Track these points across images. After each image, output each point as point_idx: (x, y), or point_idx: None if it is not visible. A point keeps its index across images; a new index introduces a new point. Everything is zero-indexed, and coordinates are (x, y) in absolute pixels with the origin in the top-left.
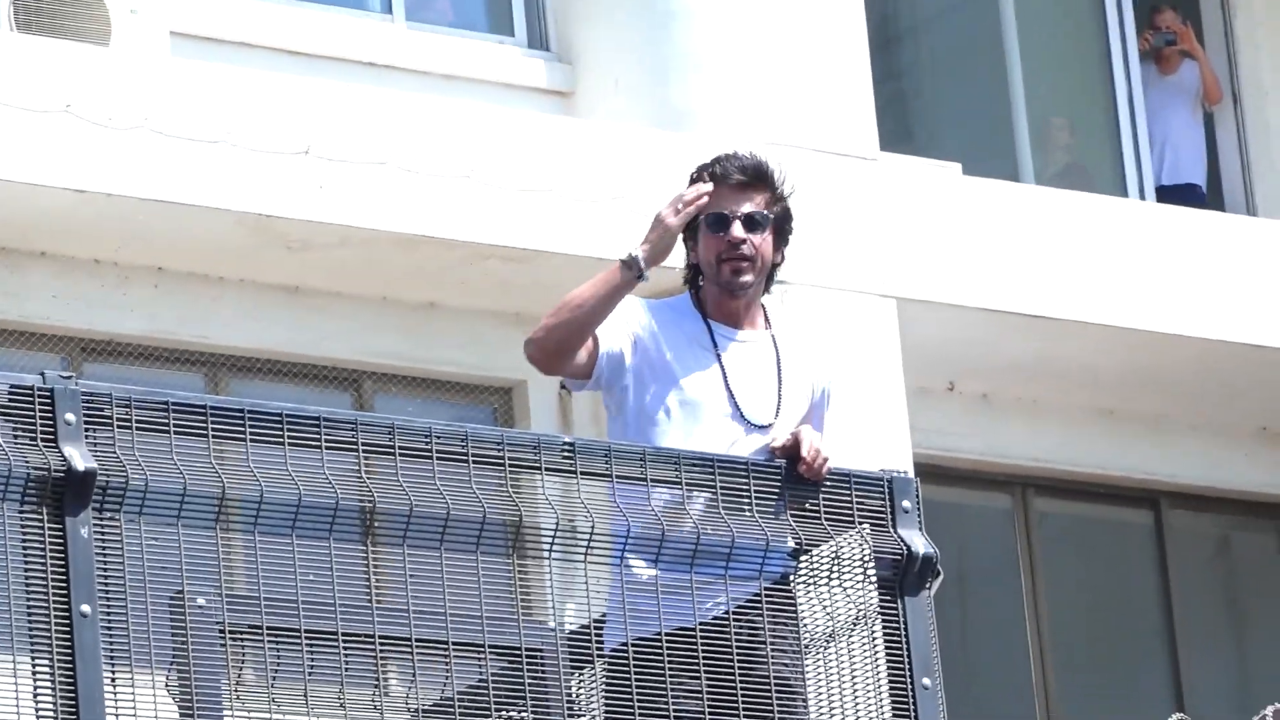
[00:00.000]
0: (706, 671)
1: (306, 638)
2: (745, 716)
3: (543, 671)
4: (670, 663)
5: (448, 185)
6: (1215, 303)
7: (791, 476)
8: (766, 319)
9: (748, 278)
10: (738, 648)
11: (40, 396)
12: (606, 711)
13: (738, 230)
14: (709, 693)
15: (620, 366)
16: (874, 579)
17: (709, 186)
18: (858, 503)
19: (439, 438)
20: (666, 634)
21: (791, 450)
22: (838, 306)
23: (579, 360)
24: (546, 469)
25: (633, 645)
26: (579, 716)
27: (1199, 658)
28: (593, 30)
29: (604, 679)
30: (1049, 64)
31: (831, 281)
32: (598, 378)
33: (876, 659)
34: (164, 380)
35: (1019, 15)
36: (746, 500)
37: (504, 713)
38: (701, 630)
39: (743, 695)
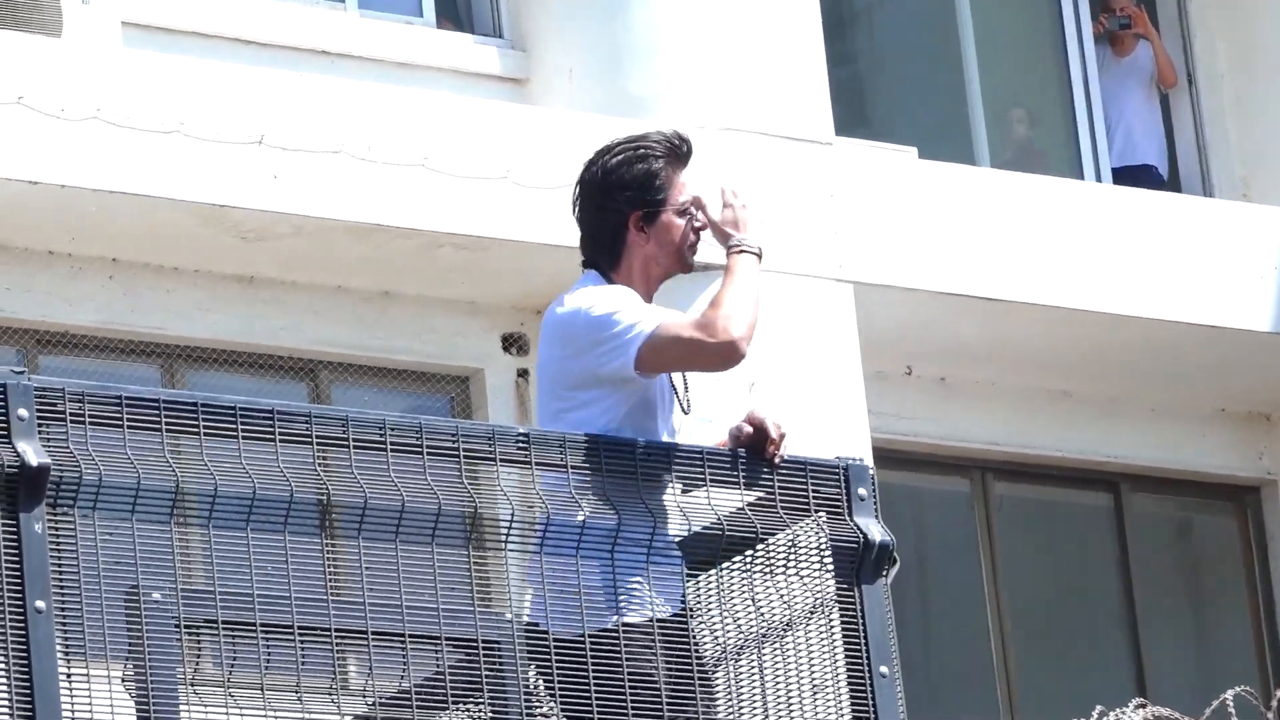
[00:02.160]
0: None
1: (263, 631)
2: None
3: (500, 663)
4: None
5: (402, 173)
6: (1172, 284)
7: (749, 461)
8: None
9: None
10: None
11: None
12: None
13: (701, 216)
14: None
15: None
16: (830, 567)
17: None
18: (813, 491)
19: (393, 429)
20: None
21: (755, 436)
22: (794, 292)
23: None
24: (501, 460)
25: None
26: (537, 708)
27: (1160, 641)
28: (546, 17)
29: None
30: (1004, 46)
31: (788, 267)
32: None
33: (834, 648)
34: (119, 372)
35: None
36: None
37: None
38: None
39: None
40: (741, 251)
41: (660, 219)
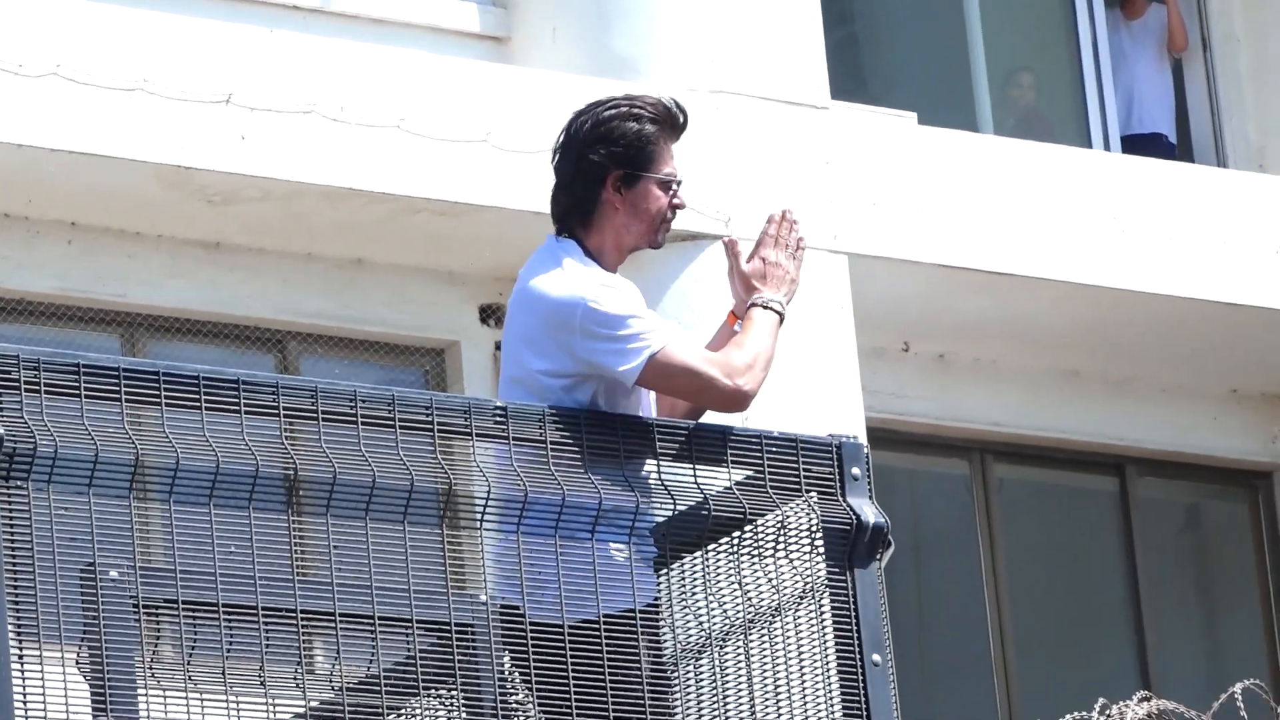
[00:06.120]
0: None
1: (225, 612)
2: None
3: (474, 647)
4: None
5: (376, 135)
6: (1184, 259)
7: (738, 438)
8: None
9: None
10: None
11: None
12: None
13: (683, 194)
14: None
15: None
16: (821, 550)
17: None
18: (805, 469)
19: (364, 402)
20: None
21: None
22: None
23: None
24: (478, 435)
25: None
26: (512, 694)
27: (1166, 632)
28: None
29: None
30: (1009, 6)
31: None
32: None
33: (824, 635)
34: (78, 341)
35: None
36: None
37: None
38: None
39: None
40: (766, 308)
41: (640, 185)
